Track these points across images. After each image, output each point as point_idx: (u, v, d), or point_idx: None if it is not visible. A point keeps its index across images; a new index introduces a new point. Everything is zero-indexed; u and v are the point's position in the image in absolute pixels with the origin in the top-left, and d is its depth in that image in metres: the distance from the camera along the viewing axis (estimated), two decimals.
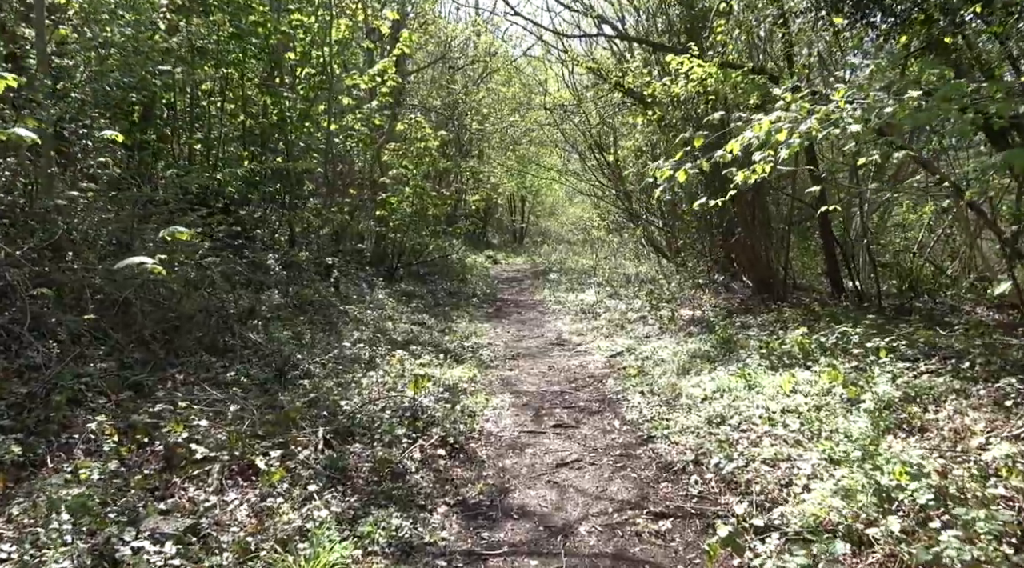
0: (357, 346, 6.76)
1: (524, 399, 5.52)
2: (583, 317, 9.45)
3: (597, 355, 7.05)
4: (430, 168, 12.03)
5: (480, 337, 8.28)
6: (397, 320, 8.74)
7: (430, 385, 5.55)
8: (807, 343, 5.81)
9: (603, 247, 16.67)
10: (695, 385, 5.41)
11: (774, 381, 5.15)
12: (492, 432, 4.70)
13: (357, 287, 10.46)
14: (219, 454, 3.76)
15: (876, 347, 5.28)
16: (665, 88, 8.09)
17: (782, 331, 6.93)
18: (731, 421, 4.48)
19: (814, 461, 3.67)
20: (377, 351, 6.70)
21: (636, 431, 4.60)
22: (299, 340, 6.77)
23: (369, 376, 5.76)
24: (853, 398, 4.57)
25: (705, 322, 8.17)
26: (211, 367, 5.58)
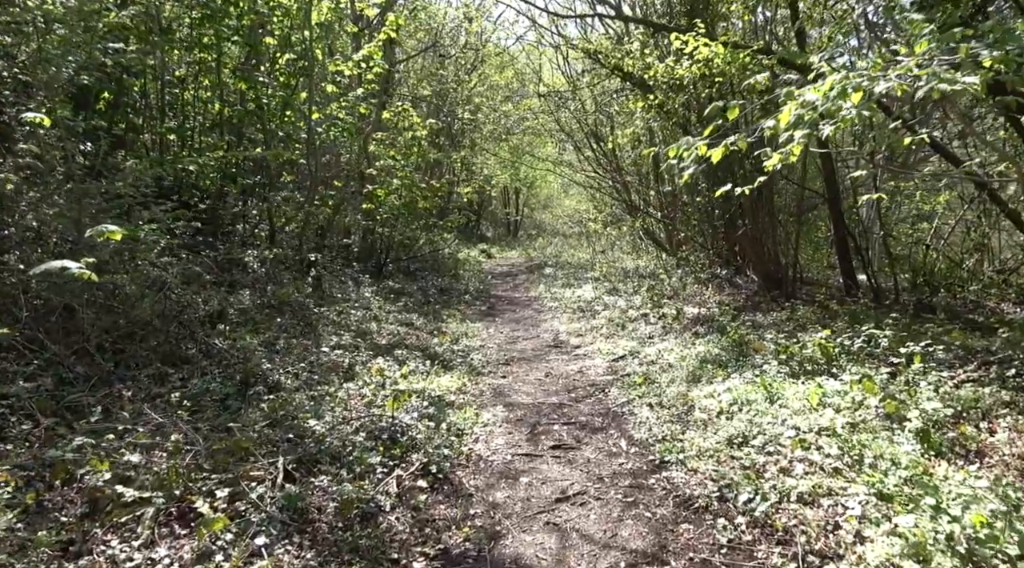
0: (336, 352, 6.11)
1: (519, 413, 4.88)
2: (581, 315, 8.81)
3: (598, 359, 6.41)
4: (419, 159, 11.33)
5: (472, 339, 7.63)
6: (383, 320, 8.09)
7: (414, 398, 4.91)
8: (830, 347, 5.18)
9: (600, 240, 16.04)
10: (708, 395, 4.78)
11: (798, 392, 4.53)
12: (482, 455, 4.06)
13: (342, 285, 9.80)
14: (154, 495, 3.11)
15: (911, 353, 4.65)
16: (668, 70, 7.42)
17: (798, 332, 6.31)
18: (755, 442, 3.86)
19: (862, 497, 3.05)
20: (358, 357, 6.05)
21: (646, 454, 3.97)
22: (272, 346, 6.12)
23: (346, 388, 5.11)
24: (892, 414, 3.96)
25: (712, 321, 7.55)
26: (167, 380, 4.93)
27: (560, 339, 7.55)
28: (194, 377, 4.99)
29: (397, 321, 8.17)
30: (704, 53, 6.91)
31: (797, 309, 7.04)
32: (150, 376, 4.85)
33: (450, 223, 11.56)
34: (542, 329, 8.28)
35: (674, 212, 11.33)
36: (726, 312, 7.64)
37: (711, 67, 7.17)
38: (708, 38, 6.92)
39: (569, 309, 9.31)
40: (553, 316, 9.10)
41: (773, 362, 5.24)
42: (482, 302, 10.69)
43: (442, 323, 8.51)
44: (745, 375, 5.14)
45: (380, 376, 5.31)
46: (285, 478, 3.47)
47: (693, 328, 7.33)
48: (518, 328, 8.46)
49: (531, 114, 13.39)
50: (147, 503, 3.07)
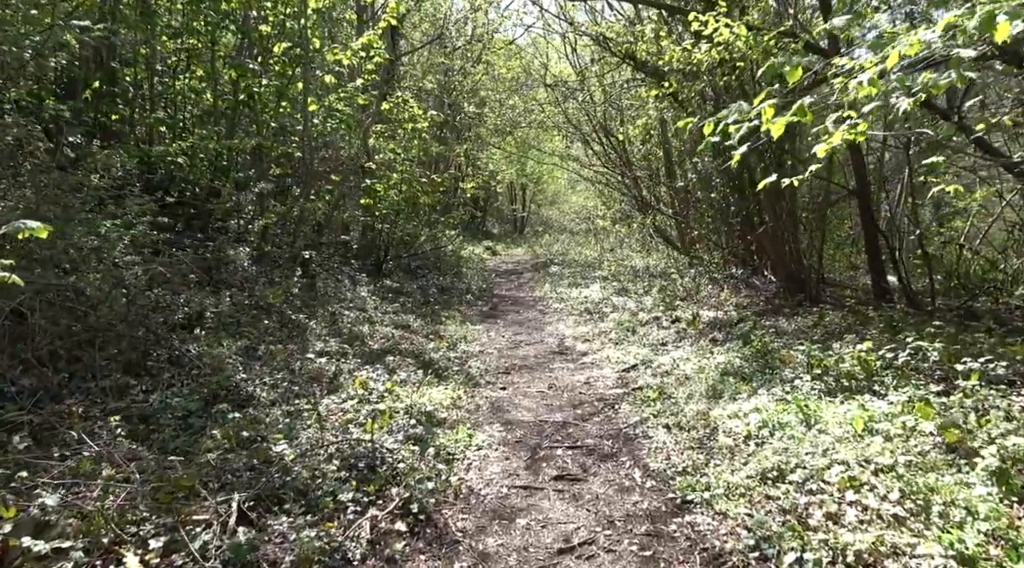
0: (322, 359, 5.54)
1: (518, 433, 4.29)
2: (588, 318, 8.20)
3: (606, 369, 5.81)
4: (420, 153, 10.75)
5: (471, 343, 7.04)
6: (377, 323, 7.52)
7: (400, 415, 4.33)
8: (871, 361, 4.55)
9: (608, 237, 15.39)
10: (733, 415, 4.17)
11: (837, 414, 3.91)
12: (473, 488, 3.47)
13: (338, 284, 9.24)
14: (74, 545, 2.55)
15: (968, 369, 4.02)
16: (685, 55, 6.78)
17: (829, 341, 5.68)
18: (793, 476, 3.25)
19: (938, 561, 2.44)
20: (345, 365, 5.48)
21: (665, 489, 3.37)
22: (252, 352, 5.56)
23: (326, 403, 4.54)
24: (954, 444, 3.33)
25: (730, 326, 6.92)
26: (127, 393, 4.37)
27: (566, 345, 6.95)
28: (159, 389, 4.43)
29: (392, 323, 7.60)
30: (725, 35, 6.26)
31: (825, 314, 6.40)
32: (108, 388, 4.30)
33: (452, 219, 10.98)
34: (546, 333, 7.68)
35: (687, 209, 10.68)
36: (746, 317, 7.01)
37: (731, 51, 6.52)
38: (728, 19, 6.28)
39: (576, 311, 8.71)
40: (558, 318, 8.50)
41: (805, 377, 4.61)
42: (484, 302, 10.10)
43: (440, 325, 7.93)
44: (773, 391, 4.52)
45: (363, 389, 4.73)
46: (239, 520, 2.89)
47: (710, 334, 6.71)
48: (521, 331, 7.86)
49: (538, 106, 12.77)
50: (64, 556, 2.51)
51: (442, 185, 10.87)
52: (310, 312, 7.20)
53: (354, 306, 8.14)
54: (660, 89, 7.42)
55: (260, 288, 7.33)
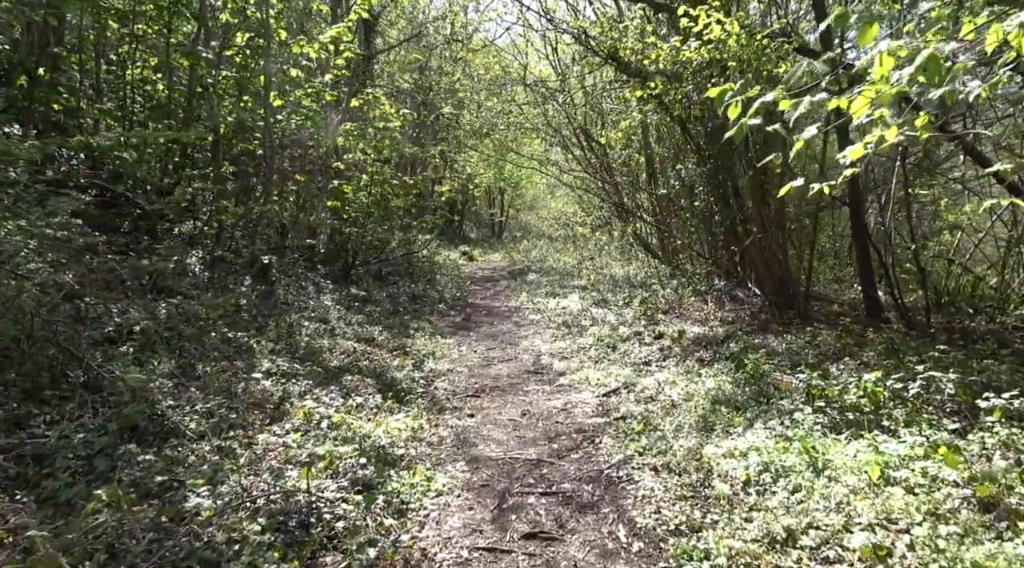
0: (269, 380, 4.89)
1: (485, 473, 3.70)
2: (567, 332, 7.65)
3: (585, 393, 5.25)
4: (392, 153, 10.11)
5: (439, 360, 6.44)
6: (340, 335, 6.87)
7: (349, 451, 3.71)
8: (880, 392, 4.06)
9: (587, 244, 14.88)
10: (729, 454, 3.64)
11: (846, 456, 3.40)
12: (428, 551, 2.87)
13: (301, 291, 8.55)
14: None
15: (992, 406, 3.54)
16: (672, 53, 6.27)
17: (824, 362, 5.21)
18: (806, 539, 2.72)
19: None
20: (295, 387, 4.84)
21: (655, 555, 2.81)
22: (190, 371, 4.89)
23: (265, 436, 3.91)
24: (990, 501, 2.84)
25: (717, 344, 6.43)
26: (26, 425, 3.69)
27: (542, 362, 6.38)
28: (65, 419, 3.76)
29: (356, 336, 6.96)
30: (716, 32, 5.77)
31: (818, 333, 5.93)
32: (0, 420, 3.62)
33: (425, 224, 10.37)
34: (522, 348, 7.10)
35: (670, 217, 10.21)
36: (733, 334, 6.52)
37: (722, 50, 6.04)
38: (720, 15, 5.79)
39: (553, 323, 8.15)
40: (535, 332, 7.93)
41: (805, 408, 4.11)
42: (457, 312, 9.49)
43: (408, 339, 7.30)
44: (771, 425, 4.00)
45: (310, 418, 4.10)
46: None
47: (696, 353, 6.20)
48: (494, 346, 7.27)
49: (516, 107, 12.25)
50: None
51: (415, 187, 10.24)
52: (264, 324, 6.53)
53: (316, 316, 7.47)
54: (645, 90, 6.91)
55: (211, 297, 6.65)
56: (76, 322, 5.06)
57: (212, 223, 8.51)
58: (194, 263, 7.34)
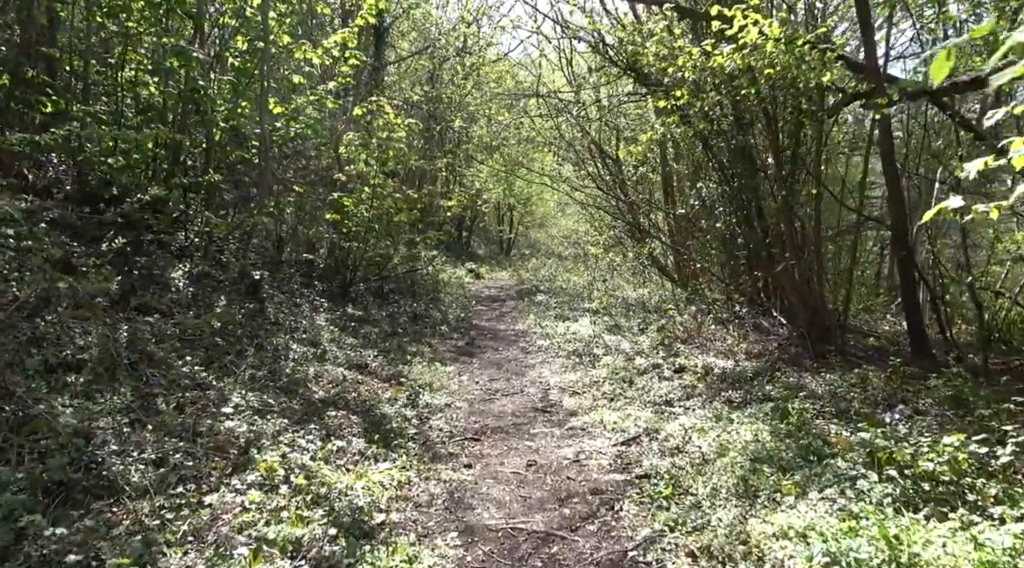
0: (239, 418, 4.21)
1: (481, 551, 2.99)
2: (578, 362, 6.94)
3: (600, 438, 4.53)
4: (396, 165, 9.52)
5: (436, 392, 5.74)
6: (330, 361, 6.21)
7: (316, 517, 3.02)
8: (962, 458, 3.32)
9: (597, 264, 14.17)
10: (782, 533, 2.92)
11: (933, 543, 2.67)
12: None
13: (295, 309, 7.91)
14: None
15: None
16: (702, 59, 5.63)
17: (875, 410, 4.47)
18: None
19: None
20: (268, 426, 4.16)
21: None
22: (149, 405, 4.23)
23: (221, 494, 3.22)
24: None
25: (745, 381, 5.71)
26: None
27: (550, 398, 5.67)
28: None
29: (347, 361, 6.29)
30: (752, 35, 5.13)
31: (867, 375, 5.20)
32: None
33: (429, 240, 9.74)
34: (528, 379, 6.40)
35: (688, 238, 9.53)
36: (764, 371, 5.80)
37: (758, 57, 5.40)
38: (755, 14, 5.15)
39: (563, 352, 7.44)
40: (543, 361, 7.22)
41: (870, 475, 3.37)
42: (460, 335, 8.81)
43: (405, 365, 6.62)
44: (827, 493, 3.27)
45: (267, 475, 3.41)
46: None
47: (724, 391, 5.48)
48: (499, 376, 6.57)
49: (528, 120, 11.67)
50: None
51: (419, 202, 9.63)
52: (247, 347, 5.88)
53: (306, 338, 6.82)
54: (668, 101, 6.26)
55: (192, 315, 6.02)
56: (31, 343, 4.44)
57: (202, 235, 7.93)
58: (179, 278, 6.72)
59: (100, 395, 4.02)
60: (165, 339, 5.43)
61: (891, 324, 8.68)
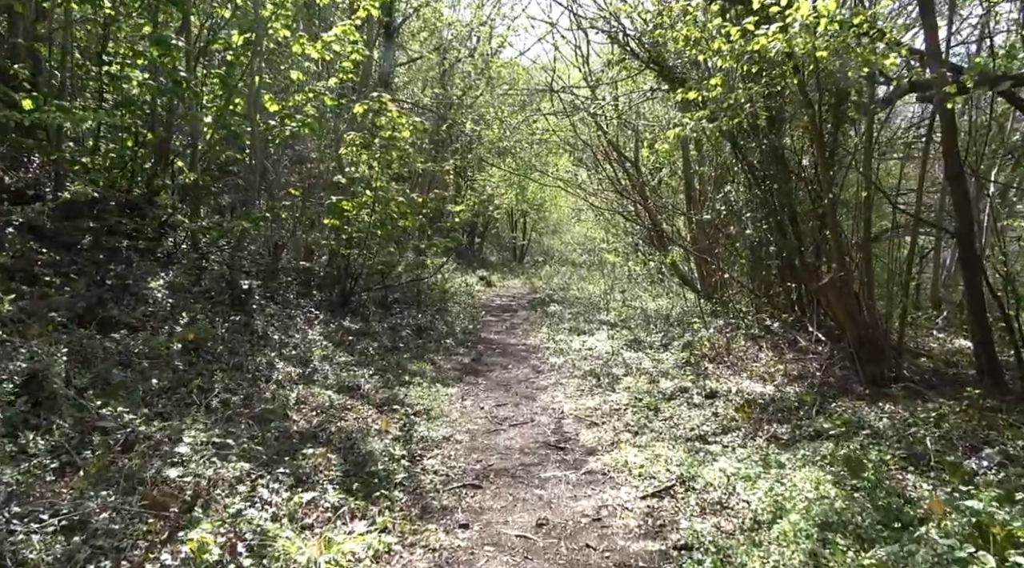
0: (180, 470, 3.46)
1: None
2: (594, 384, 6.15)
3: (625, 488, 3.73)
4: (400, 167, 8.82)
5: (434, 421, 4.98)
6: (318, 382, 5.48)
7: None
8: None
9: (613, 272, 13.33)
10: None
11: None
12: None
13: (288, 322, 7.21)
14: None
15: None
16: (742, 43, 4.84)
17: (951, 451, 3.63)
18: None
19: None
20: (225, 470, 3.43)
21: None
22: (85, 442, 3.53)
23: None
24: None
25: (790, 411, 4.88)
26: None
27: (564, 429, 4.88)
28: None
29: (338, 383, 5.56)
30: (804, 10, 4.33)
31: (943, 411, 4.34)
32: None
33: (435, 247, 9.01)
34: (539, 405, 5.61)
35: (714, 246, 8.70)
36: (813, 400, 4.96)
37: (807, 39, 4.58)
38: None
39: (578, 371, 6.65)
40: (556, 382, 6.43)
41: (986, 560, 2.54)
42: (467, 350, 8.05)
43: (403, 387, 5.88)
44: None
45: (199, 551, 2.65)
46: None
47: (767, 424, 4.65)
48: (506, 400, 5.79)
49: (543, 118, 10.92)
50: None
51: (424, 206, 8.91)
52: (224, 366, 5.17)
53: (295, 356, 6.10)
54: (699, 92, 5.46)
55: (166, 331, 5.35)
56: None
57: (189, 241, 7.27)
58: (158, 288, 6.04)
59: (23, 434, 3.31)
60: (129, 358, 4.74)
61: (939, 342, 7.76)
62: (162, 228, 6.80)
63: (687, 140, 8.84)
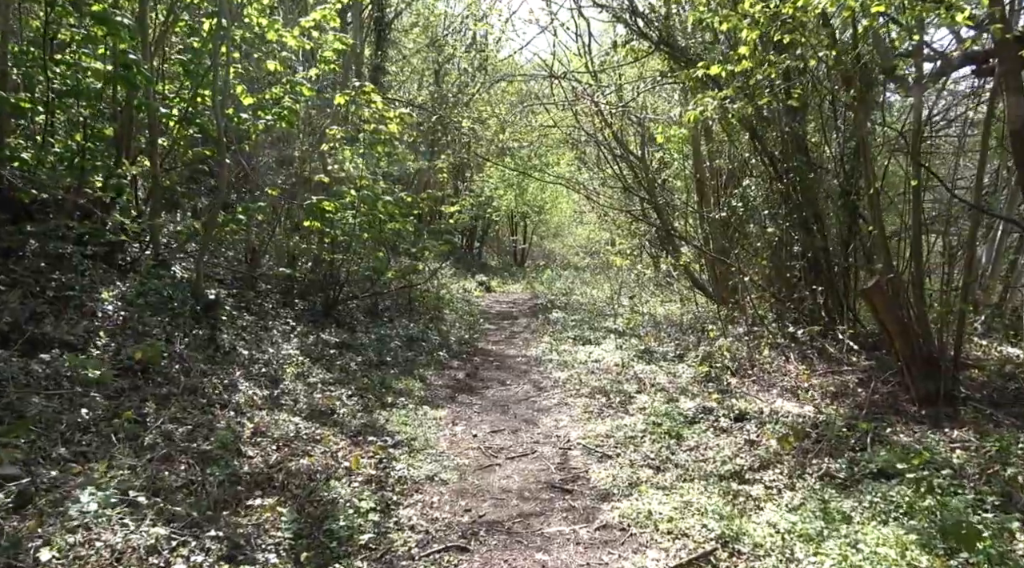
0: (96, 522, 2.67)
1: None
2: (604, 404, 5.32)
3: (651, 552, 2.90)
4: (390, 166, 8.03)
5: (417, 454, 4.16)
6: (286, 406, 4.67)
7: None
8: None
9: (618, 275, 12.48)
10: None
11: None
12: None
13: (262, 334, 6.41)
14: None
15: None
16: (776, 4, 4.02)
17: None
18: None
19: None
20: (138, 538, 2.61)
21: None
22: None
23: None
24: None
25: (839, 440, 4.05)
26: None
27: (571, 465, 4.05)
28: None
29: (309, 407, 4.75)
30: None
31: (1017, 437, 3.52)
32: None
33: (428, 251, 8.21)
34: (541, 431, 4.79)
35: (730, 246, 7.88)
36: (863, 427, 4.13)
37: None
38: None
39: (585, 388, 5.82)
40: (560, 401, 5.60)
41: None
42: (462, 363, 7.23)
43: (384, 410, 5.06)
44: None
45: None
46: None
47: (815, 457, 3.82)
48: (503, 425, 4.97)
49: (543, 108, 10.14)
50: None
51: (414, 207, 8.11)
52: (173, 391, 4.37)
53: (265, 374, 5.30)
54: (724, 67, 4.65)
55: (114, 349, 4.57)
56: None
57: (151, 246, 6.47)
58: (110, 299, 5.25)
59: None
60: (58, 383, 3.96)
61: (983, 350, 6.92)
62: (125, 233, 6.00)
63: (699, 133, 8.05)
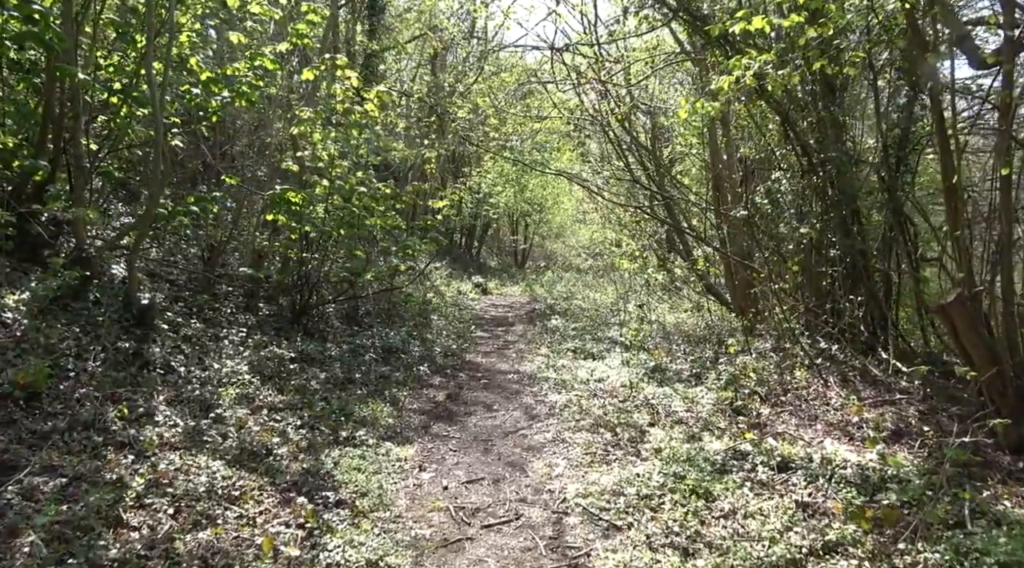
0: None
1: None
2: (609, 441, 4.25)
3: None
4: (371, 155, 6.96)
5: (363, 521, 3.10)
6: (208, 445, 3.62)
7: None
8: None
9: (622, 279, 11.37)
10: None
11: None
12: None
13: (211, 345, 5.36)
14: None
15: None
16: None
17: None
18: None
19: None
20: None
21: None
22: None
23: None
24: None
25: (920, 504, 2.97)
26: None
27: (567, 539, 2.96)
28: None
29: (239, 446, 3.69)
30: None
31: None
32: None
33: (411, 250, 7.15)
34: (530, 482, 3.71)
35: (754, 248, 6.78)
36: (966, 493, 3.05)
37: None
38: None
39: (586, 419, 4.74)
40: (556, 436, 4.52)
41: None
42: (443, 380, 6.16)
43: (338, 447, 4.00)
44: None
45: None
46: None
47: (900, 536, 2.75)
48: (483, 471, 3.90)
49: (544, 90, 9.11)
50: None
51: (398, 200, 7.05)
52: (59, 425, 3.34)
53: (198, 397, 4.25)
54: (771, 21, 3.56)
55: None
56: None
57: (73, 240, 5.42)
58: (17, 305, 4.23)
59: None
60: None
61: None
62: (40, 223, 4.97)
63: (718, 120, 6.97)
